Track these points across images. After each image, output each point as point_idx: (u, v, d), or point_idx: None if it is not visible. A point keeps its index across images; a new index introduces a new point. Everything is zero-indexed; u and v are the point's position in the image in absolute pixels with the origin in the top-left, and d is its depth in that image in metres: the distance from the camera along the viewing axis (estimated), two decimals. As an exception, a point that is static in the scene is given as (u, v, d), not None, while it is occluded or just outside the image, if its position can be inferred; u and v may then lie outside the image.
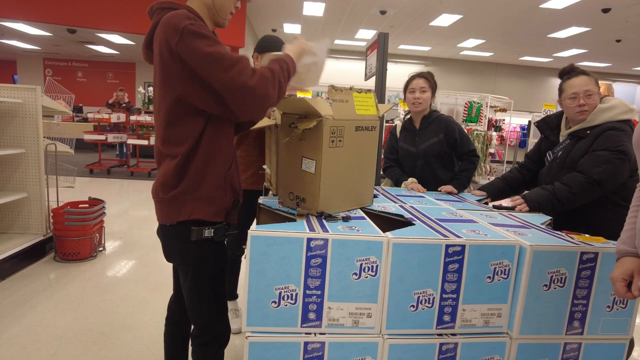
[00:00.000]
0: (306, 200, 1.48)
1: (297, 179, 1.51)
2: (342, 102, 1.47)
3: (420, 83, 2.30)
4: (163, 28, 1.18)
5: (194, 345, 1.43)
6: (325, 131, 1.37)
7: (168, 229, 1.33)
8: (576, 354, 1.35)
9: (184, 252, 1.32)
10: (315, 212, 1.42)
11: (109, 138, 7.65)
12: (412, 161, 2.37)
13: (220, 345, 1.42)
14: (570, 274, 1.29)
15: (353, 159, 1.52)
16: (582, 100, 1.77)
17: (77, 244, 3.33)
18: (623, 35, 9.18)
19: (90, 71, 14.06)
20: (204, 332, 1.40)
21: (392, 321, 1.25)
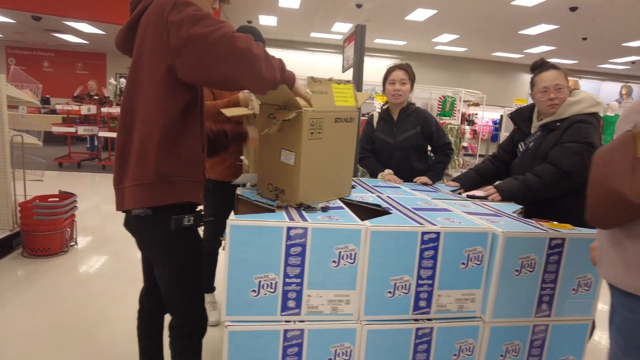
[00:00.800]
0: (285, 192, 1.48)
1: (276, 170, 1.51)
2: (322, 93, 1.47)
3: (400, 75, 2.32)
4: (157, 5, 1.17)
5: (173, 337, 1.41)
6: (304, 123, 1.37)
7: (144, 219, 1.28)
8: (544, 335, 1.42)
9: (163, 242, 1.30)
10: (295, 203, 1.43)
11: (79, 130, 7.41)
12: (389, 152, 2.40)
13: (199, 335, 1.42)
14: (539, 259, 1.35)
15: (332, 151, 1.53)
16: (553, 94, 1.83)
17: (47, 239, 3.23)
18: (589, 33, 9.51)
19: (58, 61, 13.52)
20: (184, 323, 1.39)
21: (370, 307, 1.28)
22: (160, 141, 1.22)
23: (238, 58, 1.12)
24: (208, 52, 1.11)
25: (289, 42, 12.63)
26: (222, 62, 1.12)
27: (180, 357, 1.42)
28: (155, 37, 1.17)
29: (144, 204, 1.24)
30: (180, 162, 1.26)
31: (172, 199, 1.25)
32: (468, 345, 1.36)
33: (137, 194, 1.24)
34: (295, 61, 12.54)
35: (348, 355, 1.29)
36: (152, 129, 1.22)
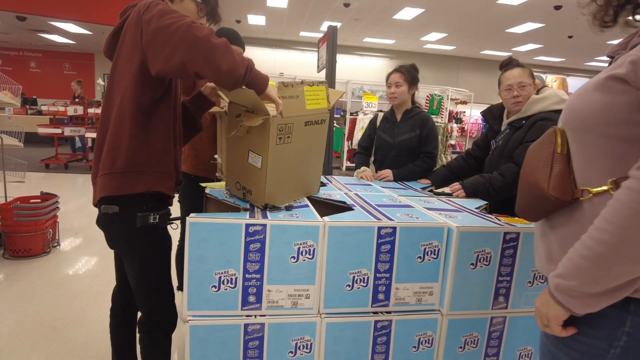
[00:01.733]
0: (252, 192, 1.49)
1: (244, 170, 1.51)
2: (292, 97, 1.42)
3: (395, 78, 2.37)
4: (136, 9, 1.25)
5: (141, 332, 1.45)
6: (272, 129, 1.33)
7: (111, 217, 1.32)
8: (502, 326, 1.47)
9: (129, 239, 1.33)
10: (261, 205, 1.44)
11: (66, 131, 7.37)
12: (386, 151, 2.45)
13: (167, 331, 1.45)
14: (495, 253, 1.39)
15: (301, 153, 1.53)
16: (516, 91, 1.88)
17: (28, 240, 3.23)
18: (574, 31, 9.62)
19: (45, 61, 13.41)
20: (151, 318, 1.42)
21: (330, 301, 1.32)
22: (132, 132, 1.27)
23: (192, 45, 1.14)
24: (167, 42, 1.15)
25: (279, 42, 12.63)
26: (178, 50, 1.14)
27: (147, 352, 1.45)
28: (132, 37, 1.25)
29: (112, 192, 1.28)
30: (151, 153, 1.30)
31: (141, 188, 1.28)
32: (427, 338, 1.40)
33: (105, 182, 1.28)
34: (286, 60, 12.57)
35: (309, 348, 1.32)
36: (124, 121, 1.27)
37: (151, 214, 1.32)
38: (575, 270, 0.77)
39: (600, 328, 0.80)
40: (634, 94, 0.74)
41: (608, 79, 0.78)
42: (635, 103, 0.74)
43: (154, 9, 1.20)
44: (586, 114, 0.82)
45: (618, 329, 0.78)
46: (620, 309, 0.78)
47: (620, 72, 0.76)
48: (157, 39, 1.17)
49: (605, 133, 0.79)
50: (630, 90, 0.75)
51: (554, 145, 0.88)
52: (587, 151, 0.83)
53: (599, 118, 0.79)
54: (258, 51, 12.17)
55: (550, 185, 0.86)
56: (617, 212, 0.71)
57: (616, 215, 0.71)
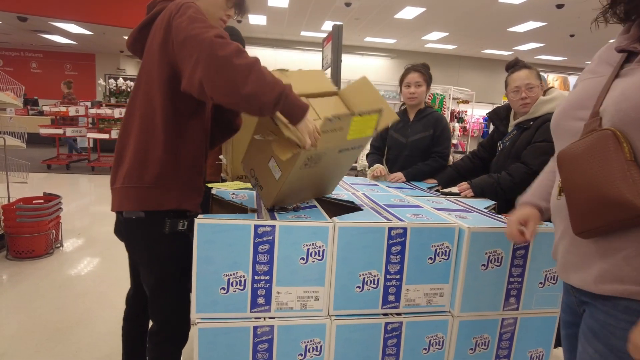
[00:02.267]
0: (263, 190, 1.41)
1: (261, 165, 1.38)
2: (335, 131, 1.22)
3: (415, 77, 2.33)
4: (167, 10, 1.17)
5: (151, 343, 1.39)
6: (299, 160, 1.20)
7: (135, 222, 1.26)
8: (513, 328, 1.45)
9: (152, 246, 1.28)
10: (269, 206, 1.40)
11: (67, 132, 7.36)
12: (399, 150, 2.42)
13: (178, 345, 1.39)
14: (506, 254, 1.37)
15: (326, 172, 1.43)
16: (524, 93, 1.86)
17: (31, 241, 3.22)
18: (576, 30, 9.59)
19: (46, 62, 13.42)
20: (163, 330, 1.37)
21: (339, 303, 1.30)
22: (164, 147, 1.21)
23: (210, 65, 1.03)
24: (191, 56, 1.06)
25: (280, 41, 12.61)
26: (199, 67, 1.05)
27: None
28: (162, 42, 1.17)
29: (139, 207, 1.23)
30: (181, 168, 1.25)
31: (167, 206, 1.24)
32: (437, 339, 1.39)
33: (131, 196, 1.24)
34: (287, 60, 12.55)
35: (318, 350, 1.31)
36: (155, 134, 1.21)
37: (180, 220, 1.27)
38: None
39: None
40: None
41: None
42: None
43: (184, 13, 1.11)
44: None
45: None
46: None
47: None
48: (184, 51, 1.09)
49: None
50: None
51: (622, 153, 0.78)
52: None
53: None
54: (259, 51, 12.16)
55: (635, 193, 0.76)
56: None
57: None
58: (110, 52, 13.37)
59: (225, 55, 1.03)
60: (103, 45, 12.06)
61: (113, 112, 7.53)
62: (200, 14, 1.13)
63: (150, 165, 1.21)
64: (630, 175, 0.77)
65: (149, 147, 1.22)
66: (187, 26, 1.09)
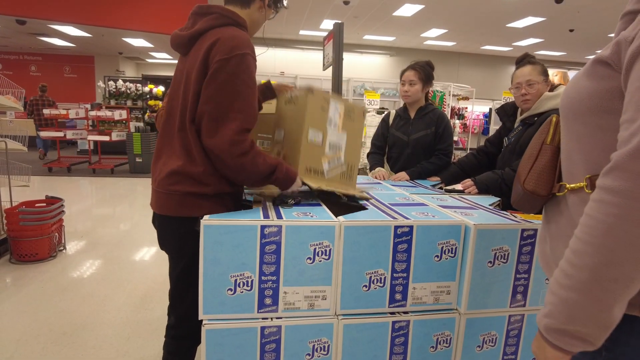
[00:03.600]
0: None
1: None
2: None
3: (410, 76, 2.34)
4: (223, 42, 1.25)
5: (168, 337, 1.43)
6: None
7: (167, 219, 1.34)
8: (520, 324, 1.45)
9: (182, 242, 1.33)
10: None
11: (68, 134, 7.37)
12: (401, 149, 2.42)
13: (195, 340, 1.40)
14: (512, 250, 1.37)
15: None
16: (524, 89, 1.86)
17: (35, 245, 3.22)
18: (575, 25, 9.58)
19: (45, 65, 13.40)
20: (181, 325, 1.41)
21: (347, 302, 1.30)
22: (204, 159, 1.30)
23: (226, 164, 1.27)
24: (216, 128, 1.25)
25: (279, 41, 12.60)
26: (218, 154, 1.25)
27: (169, 359, 1.42)
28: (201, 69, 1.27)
29: (165, 210, 1.33)
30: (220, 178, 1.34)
31: (196, 213, 1.27)
32: (445, 337, 1.38)
33: (164, 198, 1.33)
34: (286, 59, 12.53)
35: (326, 350, 1.30)
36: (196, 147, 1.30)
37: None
38: (562, 305, 0.65)
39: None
40: (616, 79, 0.66)
41: (594, 62, 0.72)
42: (616, 89, 0.66)
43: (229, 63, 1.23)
44: (574, 101, 0.75)
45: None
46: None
47: (604, 55, 0.69)
48: (213, 113, 1.24)
49: (590, 122, 0.71)
50: (613, 75, 0.67)
51: (545, 135, 0.85)
52: (573, 141, 0.76)
53: (583, 106, 0.72)
54: (257, 50, 12.11)
55: (528, 178, 0.83)
56: (592, 229, 0.61)
57: (591, 233, 0.61)
58: (109, 54, 13.35)
59: (241, 163, 1.26)
60: (102, 48, 12.04)
61: (113, 114, 7.53)
62: (242, 73, 1.25)
63: (191, 174, 1.30)
64: (535, 155, 0.85)
65: (190, 160, 1.32)
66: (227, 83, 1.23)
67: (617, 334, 0.68)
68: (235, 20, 1.34)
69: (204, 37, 1.31)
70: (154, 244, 3.77)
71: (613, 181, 0.58)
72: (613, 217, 0.57)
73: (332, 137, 1.55)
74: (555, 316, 0.67)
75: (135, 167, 7.52)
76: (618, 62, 0.66)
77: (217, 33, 1.28)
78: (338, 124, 1.58)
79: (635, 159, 0.56)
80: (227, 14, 1.33)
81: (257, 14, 1.43)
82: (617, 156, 0.59)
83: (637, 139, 0.56)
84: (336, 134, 1.57)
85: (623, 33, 0.66)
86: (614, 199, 0.57)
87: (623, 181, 0.57)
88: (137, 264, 3.28)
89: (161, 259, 3.39)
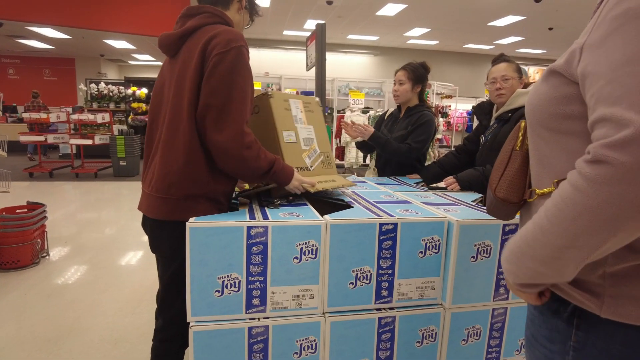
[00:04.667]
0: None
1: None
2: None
3: (399, 76, 2.36)
4: (219, 36, 1.26)
5: (156, 340, 1.43)
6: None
7: (161, 223, 1.34)
8: (503, 317, 1.48)
9: (176, 245, 1.31)
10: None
11: (49, 139, 7.23)
12: None
13: (183, 343, 1.40)
14: (494, 245, 1.40)
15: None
16: (499, 84, 1.92)
17: (16, 251, 3.16)
18: (554, 23, 9.78)
19: (24, 68, 13.13)
20: (170, 328, 1.40)
21: (334, 299, 1.31)
22: (205, 167, 1.31)
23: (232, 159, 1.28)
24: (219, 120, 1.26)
25: (263, 41, 12.57)
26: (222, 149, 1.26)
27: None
28: (197, 67, 1.27)
29: (159, 215, 1.33)
30: (217, 183, 1.35)
31: (190, 215, 1.27)
32: (430, 332, 1.41)
33: (156, 203, 1.33)
34: (270, 59, 12.51)
35: (314, 348, 1.32)
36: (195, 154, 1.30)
37: None
38: (525, 269, 0.70)
39: (556, 342, 0.76)
40: (570, 85, 0.68)
41: (548, 72, 0.73)
42: (572, 94, 0.68)
43: (228, 55, 1.24)
44: (535, 108, 0.76)
45: (566, 343, 0.74)
46: (567, 322, 0.74)
47: (557, 65, 0.71)
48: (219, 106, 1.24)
49: (553, 127, 0.72)
50: (567, 82, 0.69)
51: (515, 142, 0.85)
52: (540, 146, 0.76)
53: (544, 111, 0.73)
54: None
55: (499, 185, 0.84)
56: (561, 212, 0.61)
57: (559, 215, 0.61)
58: (91, 56, 13.15)
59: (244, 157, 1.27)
60: (83, 49, 11.85)
61: (96, 117, 7.42)
62: (240, 67, 1.26)
63: (188, 181, 1.30)
64: (505, 162, 0.86)
65: (191, 166, 1.32)
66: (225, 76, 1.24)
67: (585, 336, 0.71)
68: (224, 19, 1.36)
69: (196, 35, 1.32)
70: (140, 247, 3.73)
71: (592, 170, 0.57)
72: (582, 207, 0.58)
73: (302, 132, 1.62)
74: (519, 277, 0.72)
75: (119, 171, 7.42)
76: (569, 71, 0.68)
77: (212, 29, 1.29)
78: (303, 119, 1.65)
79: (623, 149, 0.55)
80: (218, 13, 1.36)
81: (237, 16, 1.45)
82: (599, 147, 0.57)
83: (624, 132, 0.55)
84: (305, 129, 1.64)
85: (576, 40, 0.68)
86: (588, 189, 0.57)
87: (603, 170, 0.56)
88: (123, 269, 3.25)
89: (147, 262, 3.36)
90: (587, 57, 0.64)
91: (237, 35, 1.28)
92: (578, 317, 0.72)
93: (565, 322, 0.74)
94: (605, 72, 0.59)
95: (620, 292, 0.67)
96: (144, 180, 1.43)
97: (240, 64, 1.26)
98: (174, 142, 1.31)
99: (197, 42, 1.28)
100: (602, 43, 0.61)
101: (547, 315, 0.78)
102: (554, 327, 0.76)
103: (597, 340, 0.70)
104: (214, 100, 1.24)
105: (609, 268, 0.67)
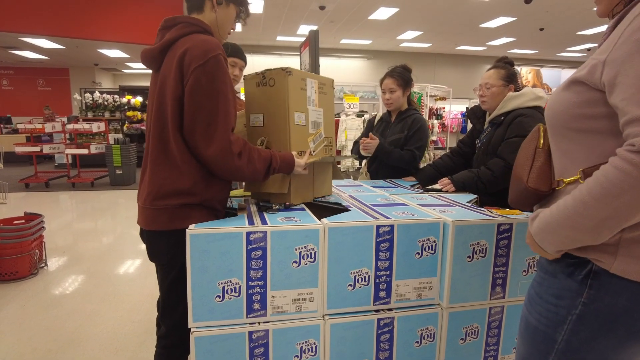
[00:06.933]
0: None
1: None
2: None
3: (389, 84, 2.39)
4: (195, 48, 1.26)
5: (160, 347, 1.44)
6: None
7: (158, 233, 1.35)
8: (500, 315, 1.50)
9: (173, 252, 1.33)
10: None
11: (45, 149, 7.21)
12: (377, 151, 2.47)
13: (185, 349, 1.40)
14: (490, 245, 1.42)
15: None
16: (482, 91, 1.97)
17: (14, 263, 3.15)
18: (545, 24, 9.88)
19: (17, 78, 13.10)
20: (173, 334, 1.41)
21: (333, 302, 1.33)
22: (201, 175, 1.33)
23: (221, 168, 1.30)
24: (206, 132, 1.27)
25: (256, 47, 12.62)
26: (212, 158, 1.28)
27: None
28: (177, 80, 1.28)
29: (156, 226, 1.34)
30: (211, 192, 1.37)
31: (186, 224, 1.27)
32: (429, 332, 1.43)
33: (152, 214, 1.34)
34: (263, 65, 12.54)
35: (314, 350, 1.33)
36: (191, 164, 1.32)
37: None
38: (566, 239, 0.85)
39: (565, 299, 0.89)
40: (592, 91, 0.84)
41: (571, 82, 0.89)
42: (594, 98, 0.84)
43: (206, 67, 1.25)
44: (557, 111, 0.92)
45: (577, 299, 0.87)
46: (580, 283, 0.87)
47: (580, 75, 0.86)
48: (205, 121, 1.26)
49: (574, 127, 0.88)
50: (590, 89, 0.85)
51: (537, 141, 1.00)
52: (563, 144, 0.92)
53: (566, 114, 0.89)
54: (236, 58, 12.11)
55: (530, 178, 0.97)
56: (605, 190, 0.75)
57: (603, 193, 0.76)
58: (85, 66, 13.14)
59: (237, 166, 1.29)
60: (77, 59, 11.85)
61: (91, 126, 7.42)
62: (220, 74, 1.27)
63: (182, 190, 1.32)
64: (531, 158, 1.00)
65: (183, 175, 1.33)
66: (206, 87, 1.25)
67: (596, 293, 0.85)
68: (202, 27, 1.36)
69: (175, 47, 1.32)
70: (138, 256, 3.74)
71: (637, 157, 0.72)
72: (628, 185, 0.72)
73: (312, 115, 1.58)
74: (554, 244, 0.88)
75: (115, 179, 7.41)
76: (592, 80, 0.83)
77: (186, 41, 1.29)
78: (315, 101, 1.60)
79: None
80: (193, 22, 1.35)
81: (213, 15, 1.42)
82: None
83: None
84: (315, 111, 1.60)
85: (595, 56, 0.83)
86: (635, 172, 0.71)
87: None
88: (122, 277, 3.25)
89: (146, 271, 3.36)
90: (613, 69, 0.77)
91: (212, 44, 1.28)
92: (592, 278, 0.85)
93: (579, 283, 0.87)
94: (634, 82, 0.73)
95: (630, 253, 0.82)
96: (138, 197, 1.43)
97: (219, 71, 1.27)
98: (164, 157, 1.32)
99: (174, 56, 1.29)
100: (629, 59, 0.75)
101: (561, 278, 0.91)
102: (565, 287, 0.89)
103: (605, 296, 0.84)
104: (200, 116, 1.25)
105: (626, 234, 0.82)
